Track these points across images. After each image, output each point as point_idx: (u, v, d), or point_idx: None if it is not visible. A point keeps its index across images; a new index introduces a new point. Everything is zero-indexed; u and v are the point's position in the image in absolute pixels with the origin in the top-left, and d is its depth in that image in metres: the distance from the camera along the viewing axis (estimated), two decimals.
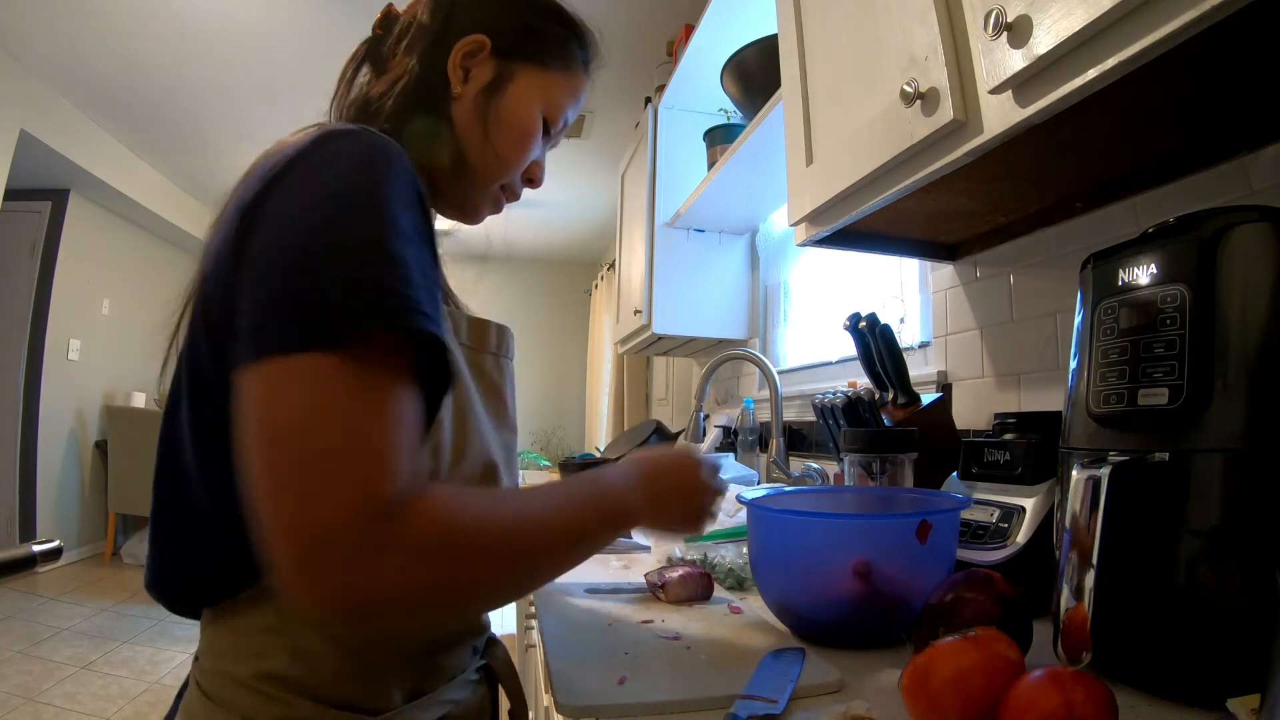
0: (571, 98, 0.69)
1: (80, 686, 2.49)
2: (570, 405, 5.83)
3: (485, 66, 0.64)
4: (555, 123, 0.69)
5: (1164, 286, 0.49)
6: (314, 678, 0.48)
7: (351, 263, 0.41)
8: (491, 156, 0.65)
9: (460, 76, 0.63)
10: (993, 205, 0.92)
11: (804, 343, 1.90)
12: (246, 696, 0.48)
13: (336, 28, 2.67)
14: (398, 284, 0.42)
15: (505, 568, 0.45)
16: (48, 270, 3.95)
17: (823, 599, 0.64)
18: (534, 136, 0.66)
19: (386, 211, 0.44)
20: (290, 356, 0.39)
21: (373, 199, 0.44)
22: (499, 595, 0.48)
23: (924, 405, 1.06)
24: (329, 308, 0.40)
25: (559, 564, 0.51)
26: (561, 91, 0.68)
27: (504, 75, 0.64)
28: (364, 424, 0.40)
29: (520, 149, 0.66)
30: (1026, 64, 0.57)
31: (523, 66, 0.65)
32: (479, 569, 0.43)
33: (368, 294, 0.41)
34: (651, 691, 0.52)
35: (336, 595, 0.38)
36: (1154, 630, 0.49)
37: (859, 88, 0.85)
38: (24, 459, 3.88)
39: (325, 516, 0.37)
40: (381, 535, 0.38)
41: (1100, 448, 0.52)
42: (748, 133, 1.51)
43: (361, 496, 0.38)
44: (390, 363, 0.42)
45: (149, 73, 3.09)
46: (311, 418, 0.39)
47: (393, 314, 0.41)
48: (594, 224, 4.94)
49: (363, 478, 0.39)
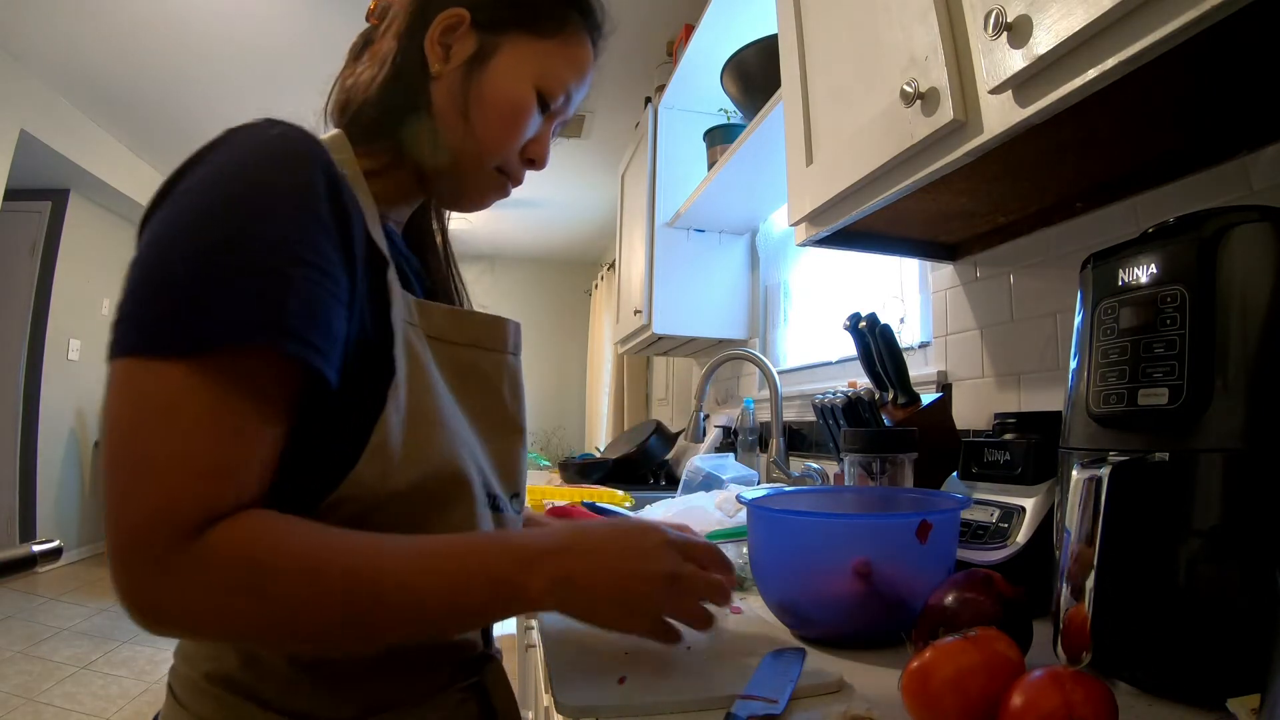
0: (571, 67, 0.63)
1: (80, 686, 2.49)
2: (570, 405, 5.82)
3: (466, 41, 0.59)
4: (554, 95, 0.62)
5: (1164, 286, 0.49)
6: (263, 684, 0.48)
7: (206, 274, 0.41)
8: (477, 137, 0.60)
9: (439, 55, 0.59)
10: (993, 205, 0.92)
11: (804, 343, 1.90)
12: (201, 698, 0.48)
13: (336, 28, 2.67)
14: (252, 299, 0.41)
15: (313, 616, 0.41)
16: (48, 270, 3.95)
17: (823, 599, 0.64)
18: (525, 112, 0.61)
19: (259, 220, 0.42)
20: (137, 360, 0.40)
21: (247, 207, 0.43)
22: (315, 641, 0.44)
23: (924, 405, 1.06)
24: (176, 318, 0.40)
25: (408, 629, 0.45)
26: (557, 61, 0.62)
27: (487, 48, 0.59)
28: (189, 437, 0.39)
29: (509, 126, 0.61)
30: (1026, 64, 0.57)
31: (509, 38, 0.60)
32: (275, 610, 0.40)
33: (219, 308, 0.40)
34: (651, 691, 0.51)
35: (130, 599, 0.38)
36: (1154, 630, 0.49)
37: (859, 88, 0.85)
38: (24, 459, 3.89)
39: (130, 521, 0.38)
40: (174, 552, 0.38)
41: (1100, 448, 0.52)
42: (748, 133, 1.51)
43: (165, 509, 0.38)
44: (239, 378, 0.41)
45: (149, 72, 3.10)
46: (142, 423, 0.39)
47: (241, 330, 0.40)
48: (594, 224, 4.94)
49: (172, 490, 0.38)
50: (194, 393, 0.39)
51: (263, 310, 0.41)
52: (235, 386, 0.41)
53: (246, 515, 0.41)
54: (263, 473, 0.43)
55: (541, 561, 0.47)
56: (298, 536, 0.42)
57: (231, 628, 0.41)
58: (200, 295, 0.40)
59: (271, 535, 0.41)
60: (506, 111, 0.60)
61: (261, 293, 0.41)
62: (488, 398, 0.60)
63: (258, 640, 0.45)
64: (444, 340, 0.57)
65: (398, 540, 0.45)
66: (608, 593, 0.49)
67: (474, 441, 0.57)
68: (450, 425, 0.53)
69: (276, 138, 0.46)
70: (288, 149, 0.46)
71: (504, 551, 0.47)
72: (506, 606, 0.48)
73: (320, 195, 0.45)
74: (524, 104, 0.61)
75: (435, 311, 0.57)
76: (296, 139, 0.47)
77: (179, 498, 0.38)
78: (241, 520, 0.40)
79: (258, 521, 0.41)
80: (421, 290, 0.64)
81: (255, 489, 0.42)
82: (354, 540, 0.44)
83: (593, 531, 0.51)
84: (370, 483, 0.47)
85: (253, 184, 0.44)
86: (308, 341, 0.42)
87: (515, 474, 0.63)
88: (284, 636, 0.42)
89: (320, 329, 0.43)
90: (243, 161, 0.45)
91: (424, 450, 0.50)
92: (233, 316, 0.40)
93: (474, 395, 0.59)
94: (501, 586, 0.46)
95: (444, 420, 0.53)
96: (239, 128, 0.47)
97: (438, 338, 0.56)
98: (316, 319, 0.43)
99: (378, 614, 0.43)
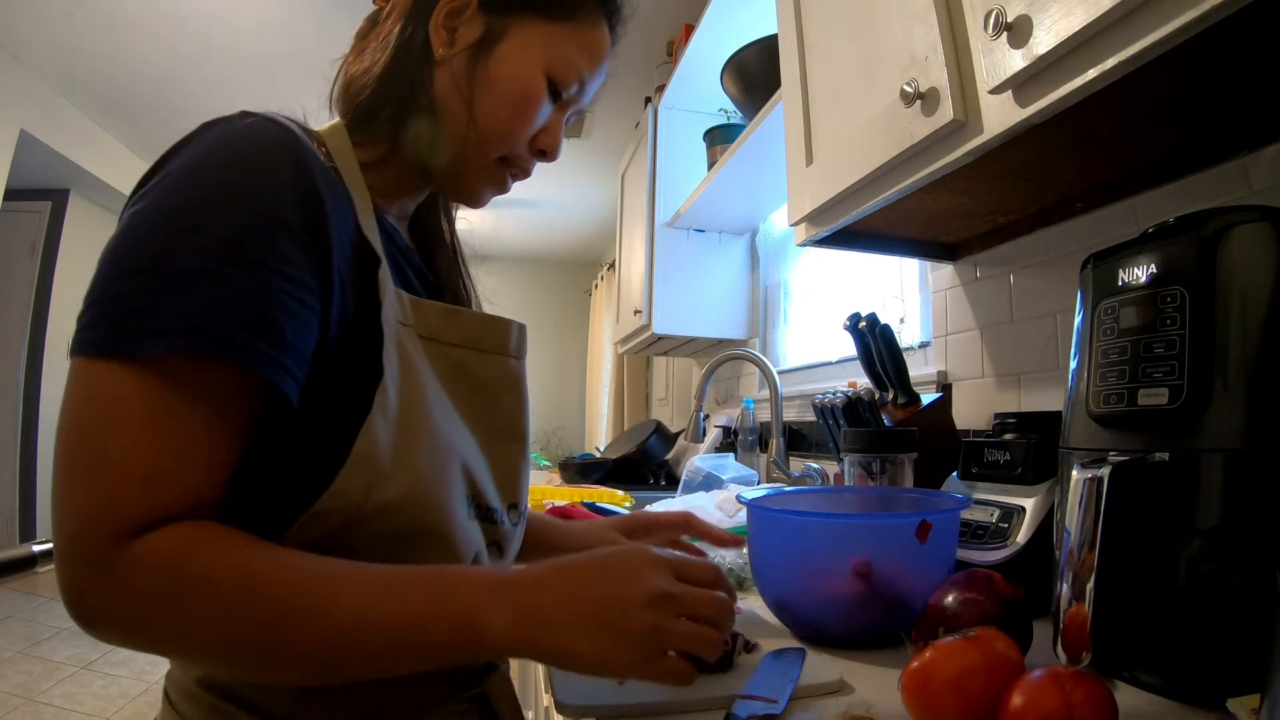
0: (585, 53, 0.60)
1: (80, 686, 2.49)
2: (570, 405, 5.82)
3: (473, 24, 0.57)
4: (566, 82, 0.59)
5: (1164, 286, 0.49)
6: (256, 691, 0.47)
7: (156, 276, 0.40)
8: (480, 126, 0.57)
9: (444, 39, 0.56)
10: (993, 205, 0.92)
11: (804, 343, 1.90)
12: (195, 704, 0.48)
13: (336, 27, 2.67)
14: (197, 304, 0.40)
15: (233, 640, 0.38)
16: (48, 270, 3.95)
17: (823, 599, 0.64)
18: (533, 99, 0.58)
19: (214, 222, 0.41)
20: (88, 359, 0.39)
21: (204, 205, 0.42)
22: (240, 666, 0.41)
23: (924, 405, 1.06)
24: (123, 320, 0.39)
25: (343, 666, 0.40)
26: (569, 45, 0.59)
27: (494, 32, 0.57)
28: (130, 440, 0.39)
29: (516, 114, 0.58)
30: (1026, 64, 0.57)
31: (517, 20, 0.57)
32: (192, 627, 0.38)
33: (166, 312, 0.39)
34: (651, 691, 0.51)
35: (67, 598, 0.38)
36: (1154, 630, 0.49)
37: (859, 88, 0.85)
38: (24, 459, 3.88)
39: (70, 521, 0.38)
40: (107, 554, 0.37)
41: (1100, 448, 0.52)
42: (748, 133, 1.51)
43: (101, 511, 0.38)
44: (183, 384, 0.40)
45: (149, 72, 3.09)
46: (88, 423, 0.39)
47: (184, 336, 0.39)
48: (594, 224, 4.94)
49: (109, 492, 0.38)
50: (137, 396, 0.39)
51: (207, 316, 0.40)
52: (179, 392, 0.40)
53: (183, 525, 0.39)
54: (210, 482, 0.41)
55: (502, 597, 0.41)
56: (234, 554, 0.39)
57: (155, 640, 0.39)
58: (147, 297, 0.40)
59: (204, 548, 0.39)
60: (513, 98, 0.57)
61: (207, 298, 0.40)
62: (485, 402, 0.58)
63: (182, 657, 0.45)
64: (439, 340, 0.55)
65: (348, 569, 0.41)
66: (584, 620, 0.40)
67: (471, 448, 0.55)
68: (440, 433, 0.50)
69: (244, 131, 0.45)
70: (255, 144, 0.45)
71: (462, 586, 0.41)
72: (463, 649, 0.40)
73: (286, 194, 0.44)
74: (533, 90, 0.58)
75: (430, 310, 0.54)
76: (266, 133, 0.45)
77: (115, 500, 0.38)
78: (176, 530, 0.39)
79: (194, 531, 0.39)
80: (423, 288, 0.62)
81: (200, 498, 0.40)
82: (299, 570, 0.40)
83: (570, 561, 0.44)
84: (353, 495, 0.44)
85: (213, 183, 0.43)
86: (253, 349, 0.40)
87: (515, 484, 0.60)
88: (206, 657, 0.41)
89: (270, 336, 0.41)
90: (206, 159, 0.44)
91: (413, 461, 0.47)
92: (177, 324, 0.39)
93: (470, 399, 0.56)
94: (457, 628, 0.40)
95: (434, 428, 0.50)
96: (212, 121, 0.46)
97: (432, 338, 0.54)
98: (266, 325, 0.41)
99: (304, 644, 0.39)
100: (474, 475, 0.54)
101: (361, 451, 0.44)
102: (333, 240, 0.46)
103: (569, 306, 5.91)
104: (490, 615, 0.40)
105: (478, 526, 0.55)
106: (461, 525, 0.51)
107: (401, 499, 0.46)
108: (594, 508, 1.32)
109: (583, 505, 1.34)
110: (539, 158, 0.63)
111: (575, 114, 0.65)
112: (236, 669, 0.44)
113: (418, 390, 0.50)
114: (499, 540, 0.58)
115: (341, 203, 0.49)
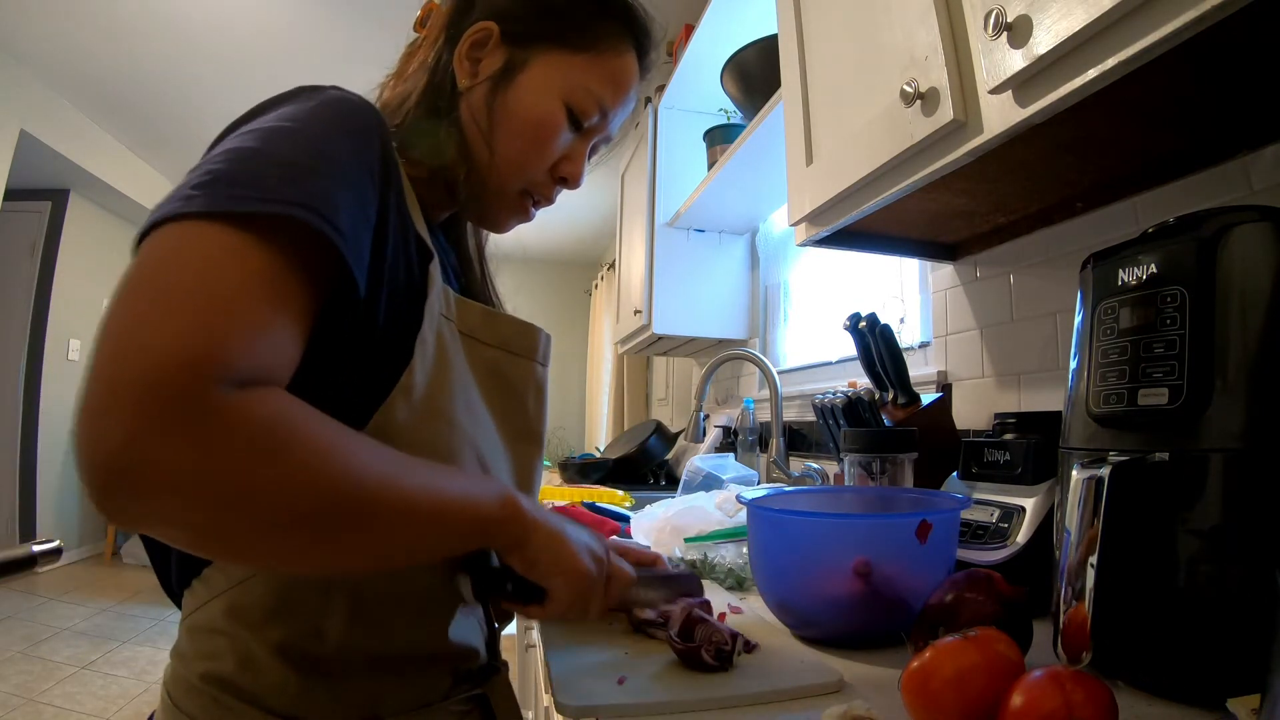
0: (607, 82, 0.60)
1: (80, 686, 2.49)
2: (570, 405, 5.82)
3: (495, 56, 0.58)
4: (587, 112, 0.60)
5: (1164, 286, 0.49)
6: (258, 686, 0.47)
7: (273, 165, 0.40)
8: (499, 157, 0.58)
9: (467, 70, 0.58)
10: (993, 205, 0.92)
11: (804, 343, 1.90)
12: (195, 699, 0.48)
13: (335, 26, 2.67)
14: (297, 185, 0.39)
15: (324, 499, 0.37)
16: (48, 270, 3.95)
17: (823, 599, 0.64)
18: (550, 129, 0.59)
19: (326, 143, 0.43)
20: (190, 221, 0.36)
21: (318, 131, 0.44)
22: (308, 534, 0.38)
23: (924, 405, 1.06)
24: (234, 191, 0.38)
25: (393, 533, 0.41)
26: (589, 74, 0.59)
27: (515, 63, 0.58)
28: (244, 287, 0.36)
29: (532, 145, 0.59)
30: (1026, 64, 0.57)
31: (539, 51, 0.58)
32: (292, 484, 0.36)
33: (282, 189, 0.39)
34: (651, 691, 0.52)
35: (109, 452, 0.31)
36: (1154, 630, 0.49)
37: (859, 88, 0.85)
38: (24, 459, 3.89)
39: (157, 351, 0.32)
40: (206, 398, 0.32)
41: (1100, 448, 0.52)
42: (748, 133, 1.51)
43: (204, 348, 0.33)
44: (296, 259, 0.39)
45: (149, 72, 3.09)
46: (190, 261, 0.35)
47: (296, 206, 0.38)
48: (594, 224, 4.94)
49: (222, 328, 0.34)
50: (254, 252, 0.37)
51: (317, 199, 0.39)
52: (287, 261, 0.38)
53: (281, 391, 0.37)
54: (294, 364, 0.40)
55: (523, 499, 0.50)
56: (330, 422, 0.39)
57: (231, 496, 0.34)
58: (258, 175, 0.39)
59: (307, 411, 0.38)
60: (530, 129, 0.58)
61: (316, 188, 0.40)
62: (512, 402, 0.59)
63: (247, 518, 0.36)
64: (475, 339, 0.56)
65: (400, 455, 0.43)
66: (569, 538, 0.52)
67: (492, 443, 0.56)
68: (459, 423, 0.52)
69: (345, 96, 0.48)
70: (354, 107, 0.47)
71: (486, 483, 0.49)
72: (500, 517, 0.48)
73: (374, 149, 0.46)
74: (550, 121, 0.58)
75: (472, 309, 0.56)
76: (363, 103, 0.48)
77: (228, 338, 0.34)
78: (275, 389, 0.37)
79: (287, 396, 0.37)
80: (457, 287, 0.64)
81: (288, 376, 0.39)
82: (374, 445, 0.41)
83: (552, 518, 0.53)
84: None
85: (323, 120, 0.45)
86: (350, 241, 0.41)
87: (530, 482, 0.62)
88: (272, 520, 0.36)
89: (357, 246, 0.42)
90: (312, 104, 0.46)
91: (432, 443, 0.49)
92: (291, 195, 0.38)
93: (499, 397, 0.58)
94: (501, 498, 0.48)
95: (453, 417, 0.51)
96: (307, 85, 0.48)
97: (470, 335, 0.56)
98: (356, 235, 0.42)
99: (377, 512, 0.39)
100: (490, 468, 0.55)
101: (378, 425, 0.46)
102: (390, 209, 0.47)
103: (569, 306, 5.91)
104: (520, 499, 0.49)
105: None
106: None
107: None
108: (594, 508, 1.32)
109: (583, 505, 1.34)
110: (561, 185, 0.64)
111: (604, 142, 0.65)
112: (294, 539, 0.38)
113: (446, 379, 0.51)
114: None
115: (403, 191, 0.51)
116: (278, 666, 0.47)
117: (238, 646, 0.47)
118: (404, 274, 0.49)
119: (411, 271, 0.50)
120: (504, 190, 0.61)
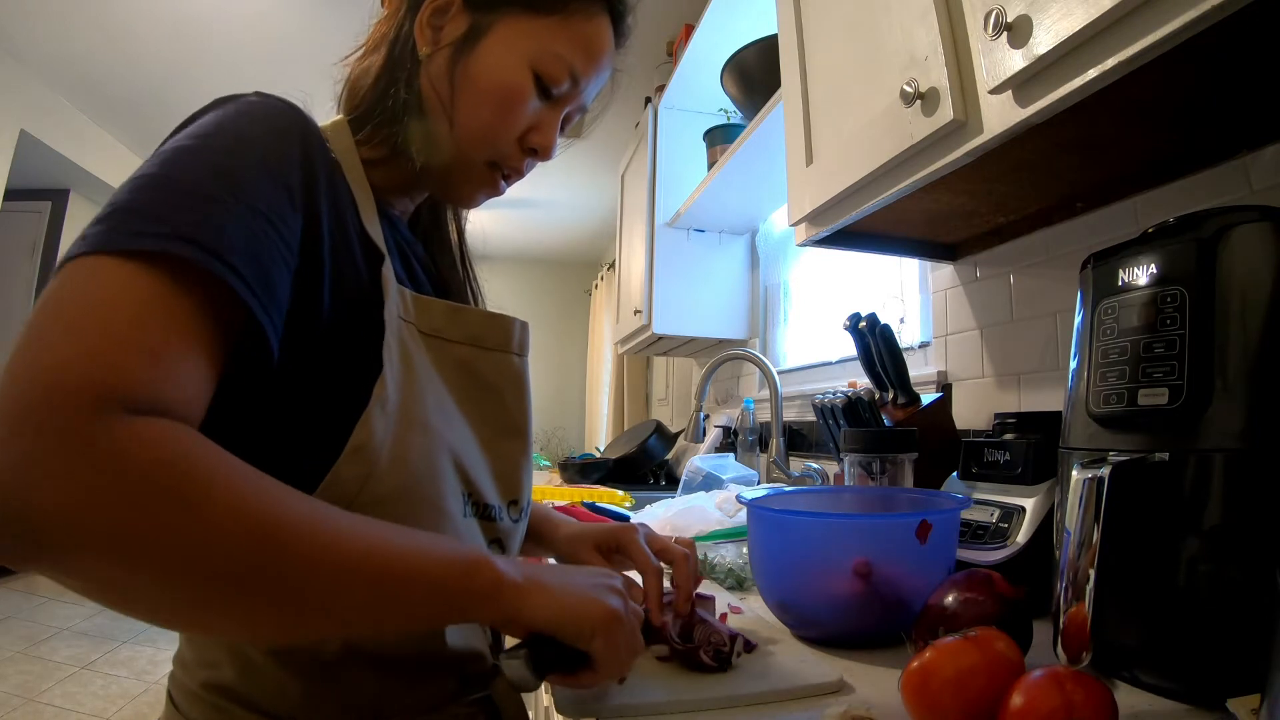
0: (577, 46, 0.58)
1: (80, 686, 2.49)
2: (570, 405, 5.82)
3: (458, 21, 0.56)
4: (555, 78, 0.57)
5: (1164, 286, 0.49)
6: (259, 693, 0.47)
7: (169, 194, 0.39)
8: (462, 126, 0.56)
9: (428, 37, 0.56)
10: (993, 205, 0.92)
11: (804, 343, 1.90)
12: (198, 706, 0.48)
13: (336, 25, 2.67)
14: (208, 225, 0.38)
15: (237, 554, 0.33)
16: (48, 270, 3.95)
17: (823, 599, 0.64)
18: (515, 96, 0.56)
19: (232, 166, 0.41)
20: (86, 257, 0.36)
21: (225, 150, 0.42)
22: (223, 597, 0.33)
23: (924, 405, 1.06)
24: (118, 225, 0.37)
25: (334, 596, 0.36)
26: (557, 38, 0.56)
27: (478, 28, 0.56)
28: (137, 318, 0.35)
29: (496, 113, 0.56)
30: (1026, 64, 0.57)
31: (503, 15, 0.56)
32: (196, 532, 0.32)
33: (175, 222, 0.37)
34: (651, 691, 0.52)
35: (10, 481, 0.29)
36: (1154, 630, 0.49)
37: (859, 88, 0.85)
38: None
39: (45, 373, 0.31)
40: (96, 423, 0.30)
41: (1100, 448, 0.52)
42: (748, 133, 1.51)
43: (98, 370, 0.32)
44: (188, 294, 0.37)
45: (149, 72, 3.09)
46: (90, 293, 0.35)
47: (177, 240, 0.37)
48: (594, 224, 4.94)
49: (112, 353, 0.33)
50: (143, 284, 0.36)
51: (209, 233, 0.38)
52: (177, 296, 0.37)
53: (181, 424, 0.35)
54: (200, 400, 0.38)
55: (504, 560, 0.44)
56: (240, 464, 0.35)
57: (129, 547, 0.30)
58: (153, 206, 0.38)
59: (209, 447, 0.34)
60: (493, 96, 0.56)
61: (212, 220, 0.38)
62: (489, 399, 0.58)
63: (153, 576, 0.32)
64: (441, 337, 0.54)
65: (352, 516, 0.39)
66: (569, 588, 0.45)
67: (468, 445, 0.55)
68: (432, 428, 0.50)
69: (261, 103, 0.47)
70: (270, 114, 0.46)
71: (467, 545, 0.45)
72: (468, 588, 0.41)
73: (293, 161, 0.45)
74: (515, 87, 0.56)
75: (434, 307, 0.54)
76: (280, 107, 0.47)
77: (119, 364, 0.33)
78: (175, 424, 0.34)
79: (193, 433, 0.35)
80: (428, 280, 0.62)
81: (191, 411, 0.36)
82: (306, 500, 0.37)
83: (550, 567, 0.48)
84: (348, 485, 0.44)
85: (231, 136, 0.44)
86: (245, 279, 0.39)
87: (515, 480, 0.60)
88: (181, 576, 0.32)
89: (264, 282, 0.40)
90: (224, 118, 0.45)
91: (404, 455, 0.47)
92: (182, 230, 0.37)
93: (474, 396, 0.57)
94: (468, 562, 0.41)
95: (425, 423, 0.50)
96: (228, 96, 0.47)
97: (434, 334, 0.54)
98: (262, 269, 0.40)
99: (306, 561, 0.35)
100: (469, 472, 0.54)
101: (359, 443, 0.45)
102: (323, 219, 0.46)
103: (569, 306, 5.91)
104: (496, 561, 0.42)
105: (475, 524, 0.55)
106: (456, 524, 0.51)
107: (394, 494, 0.46)
108: (594, 508, 1.32)
109: (583, 505, 1.34)
110: (531, 156, 0.61)
111: (577, 112, 0.63)
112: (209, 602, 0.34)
113: (413, 385, 0.50)
114: (500, 538, 0.58)
115: (340, 192, 0.49)
116: (276, 672, 0.47)
117: (236, 654, 0.47)
118: (352, 283, 0.48)
119: (360, 279, 0.49)
120: (469, 162, 0.58)
